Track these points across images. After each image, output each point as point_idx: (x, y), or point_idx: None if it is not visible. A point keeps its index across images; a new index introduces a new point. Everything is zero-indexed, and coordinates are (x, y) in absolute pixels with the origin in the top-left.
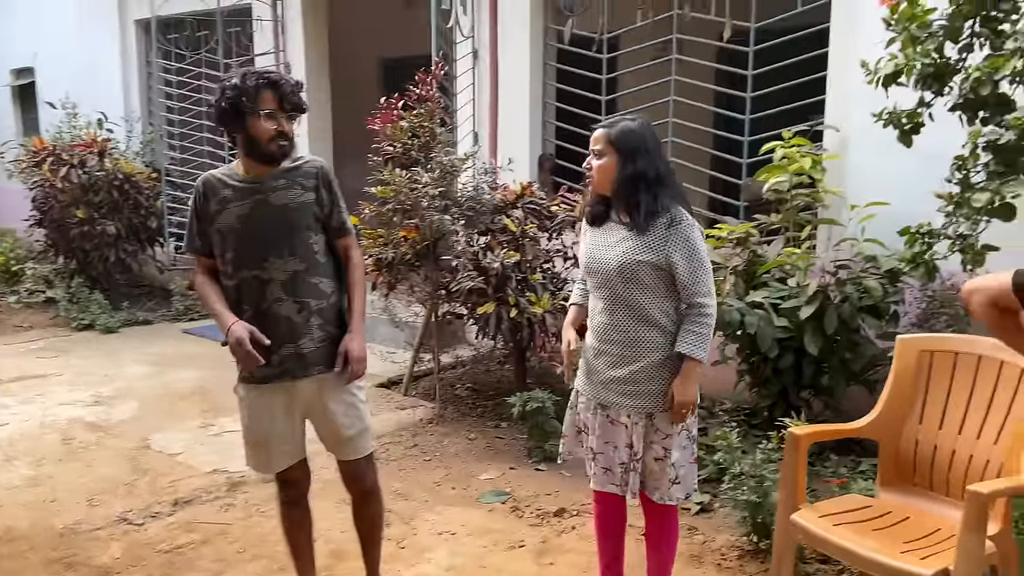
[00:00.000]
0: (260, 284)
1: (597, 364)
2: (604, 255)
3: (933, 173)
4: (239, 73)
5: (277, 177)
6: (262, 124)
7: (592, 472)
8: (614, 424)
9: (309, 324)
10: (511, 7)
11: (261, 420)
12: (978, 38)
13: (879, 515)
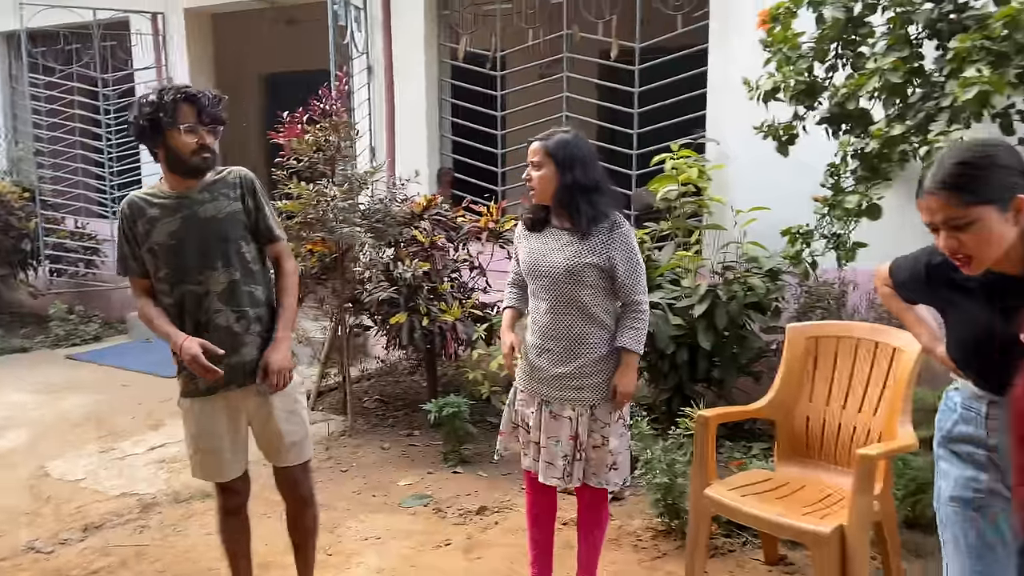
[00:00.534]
0: (198, 297)
1: (541, 362)
2: (550, 259)
3: (807, 179)
4: (155, 89)
5: (202, 190)
6: (183, 138)
7: (529, 464)
8: (557, 419)
9: (249, 332)
10: (405, 25)
11: (211, 430)
12: (841, 59)
13: (780, 485)
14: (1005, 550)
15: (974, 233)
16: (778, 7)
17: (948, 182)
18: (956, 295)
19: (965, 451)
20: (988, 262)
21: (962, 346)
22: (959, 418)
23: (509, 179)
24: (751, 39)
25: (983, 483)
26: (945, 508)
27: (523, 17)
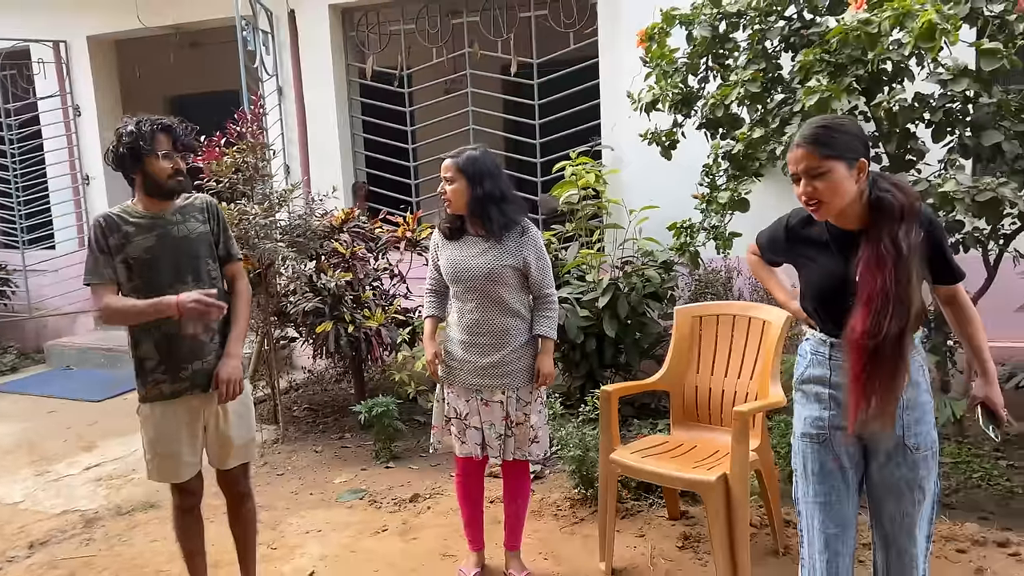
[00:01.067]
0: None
1: (470, 356)
2: (472, 264)
3: (690, 179)
4: (133, 120)
5: (174, 212)
6: (160, 164)
7: (466, 451)
8: (489, 404)
9: (213, 342)
10: (312, 47)
11: (169, 434)
12: (711, 71)
13: (675, 447)
14: (843, 476)
15: (826, 182)
16: (654, 27)
17: (810, 138)
18: (810, 249)
19: (814, 391)
20: (835, 209)
21: (816, 291)
22: (809, 362)
23: (423, 190)
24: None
25: (826, 420)
26: (796, 442)
27: (427, 36)
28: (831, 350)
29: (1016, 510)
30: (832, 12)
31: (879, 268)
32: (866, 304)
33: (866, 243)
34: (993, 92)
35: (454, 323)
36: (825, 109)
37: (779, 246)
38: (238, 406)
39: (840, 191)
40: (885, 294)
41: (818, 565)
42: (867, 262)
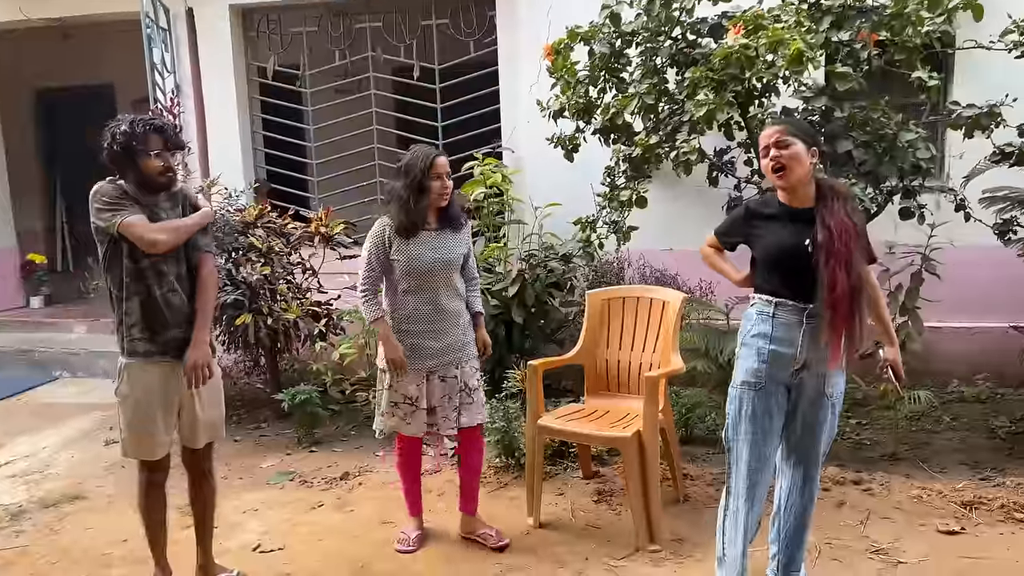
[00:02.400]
0: (158, 274)
1: (424, 342)
2: (432, 255)
3: (589, 179)
4: (126, 120)
5: (165, 199)
6: (152, 162)
7: (413, 430)
8: (445, 380)
9: (190, 315)
10: (212, 45)
11: (147, 407)
12: (609, 83)
13: (590, 412)
14: (771, 421)
15: (790, 152)
16: (559, 42)
17: (781, 120)
18: (766, 224)
19: (756, 346)
20: (794, 177)
21: (773, 256)
22: (755, 322)
23: (323, 188)
24: (534, 61)
25: (763, 371)
26: (735, 390)
27: (329, 39)
28: (775, 309)
29: (865, 457)
30: (712, 35)
31: (840, 236)
32: (831, 265)
33: (825, 215)
34: (844, 108)
35: (403, 316)
36: (711, 120)
37: (737, 227)
38: (209, 387)
39: (799, 160)
40: (848, 256)
41: (741, 492)
42: (830, 229)
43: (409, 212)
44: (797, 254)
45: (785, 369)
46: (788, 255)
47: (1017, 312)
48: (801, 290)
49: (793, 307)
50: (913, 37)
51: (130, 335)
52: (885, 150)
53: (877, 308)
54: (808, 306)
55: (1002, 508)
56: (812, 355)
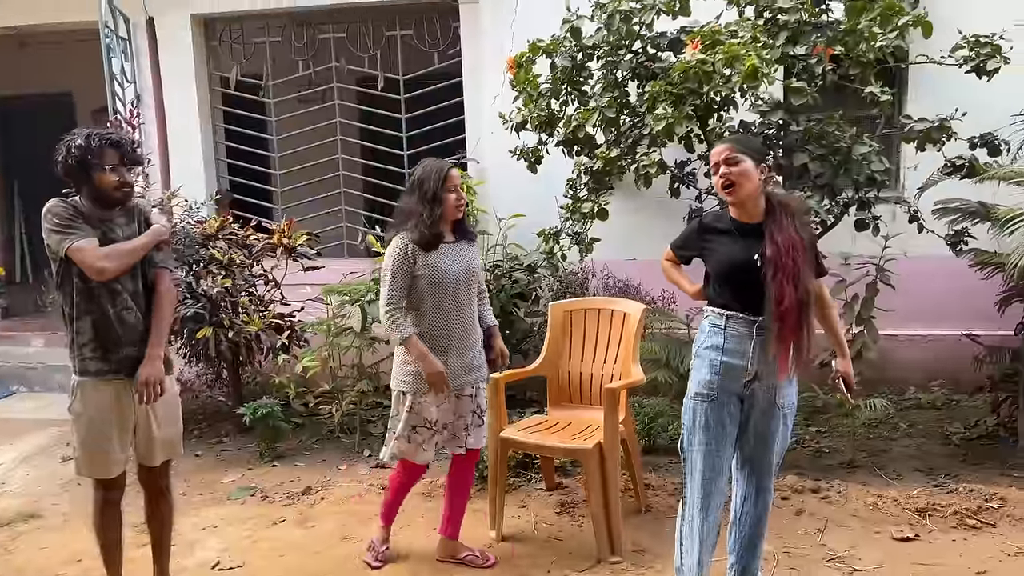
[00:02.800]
0: (112, 293)
1: (449, 360)
2: (458, 267)
3: (553, 191)
4: (82, 134)
5: (120, 215)
6: (108, 177)
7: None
8: (460, 398)
9: (145, 333)
10: (174, 55)
11: (102, 426)
12: (571, 96)
13: (553, 424)
14: (724, 431)
15: (740, 169)
16: (521, 56)
17: (731, 139)
18: (718, 238)
19: (709, 358)
20: (744, 192)
21: (725, 270)
22: (708, 334)
23: (286, 199)
24: (498, 72)
25: (715, 383)
26: (689, 401)
27: (292, 49)
28: (726, 322)
29: (823, 465)
30: (672, 49)
31: (787, 251)
32: (778, 278)
33: (774, 230)
34: (800, 121)
35: (429, 333)
36: (671, 133)
37: (692, 241)
38: (166, 406)
39: (748, 176)
40: (795, 270)
41: (696, 502)
42: (777, 244)
43: (429, 225)
44: (747, 268)
45: (737, 380)
46: (738, 269)
47: (969, 320)
48: (751, 303)
49: (744, 320)
50: (867, 52)
51: (81, 354)
52: (840, 163)
53: (828, 321)
54: (758, 319)
55: (955, 515)
56: (763, 367)
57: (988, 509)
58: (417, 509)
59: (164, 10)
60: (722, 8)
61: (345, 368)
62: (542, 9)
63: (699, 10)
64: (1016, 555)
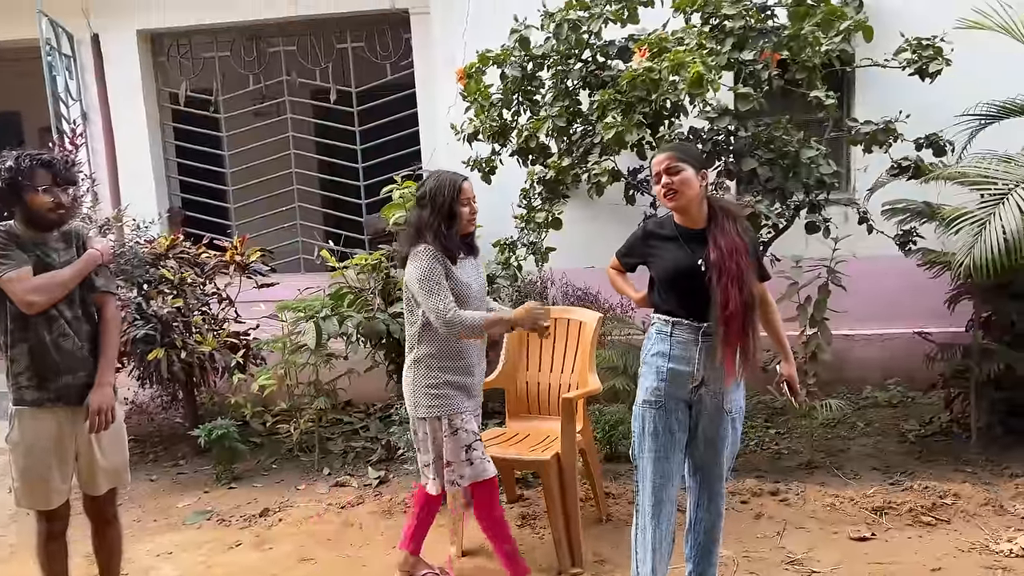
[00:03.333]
0: (49, 320)
1: (475, 379)
2: (479, 281)
3: (508, 200)
4: (12, 156)
5: (57, 239)
6: (40, 198)
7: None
8: (476, 418)
9: (85, 362)
10: (120, 71)
11: (40, 455)
12: (523, 106)
13: (512, 435)
14: (673, 437)
15: (681, 177)
16: (471, 66)
17: (670, 148)
18: (663, 244)
19: (656, 365)
20: (686, 200)
21: (669, 276)
22: (655, 340)
23: (240, 215)
24: (451, 83)
25: (662, 390)
26: (638, 409)
27: (242, 63)
28: (672, 328)
29: (783, 467)
30: (621, 57)
31: (731, 255)
32: (723, 283)
33: (717, 235)
34: (748, 127)
35: (456, 351)
36: (621, 141)
37: (637, 248)
38: (110, 432)
39: (689, 184)
40: (739, 274)
41: (647, 509)
42: (721, 249)
43: (447, 238)
44: (691, 274)
45: (684, 387)
46: (683, 275)
47: (922, 318)
48: (696, 309)
49: (689, 326)
50: (812, 57)
51: (17, 383)
52: (789, 167)
53: (772, 325)
54: (703, 324)
55: (910, 512)
56: (709, 372)
57: (942, 506)
58: (376, 527)
59: (109, 26)
60: (669, 16)
61: (302, 386)
62: (493, 19)
63: (647, 18)
64: (969, 551)
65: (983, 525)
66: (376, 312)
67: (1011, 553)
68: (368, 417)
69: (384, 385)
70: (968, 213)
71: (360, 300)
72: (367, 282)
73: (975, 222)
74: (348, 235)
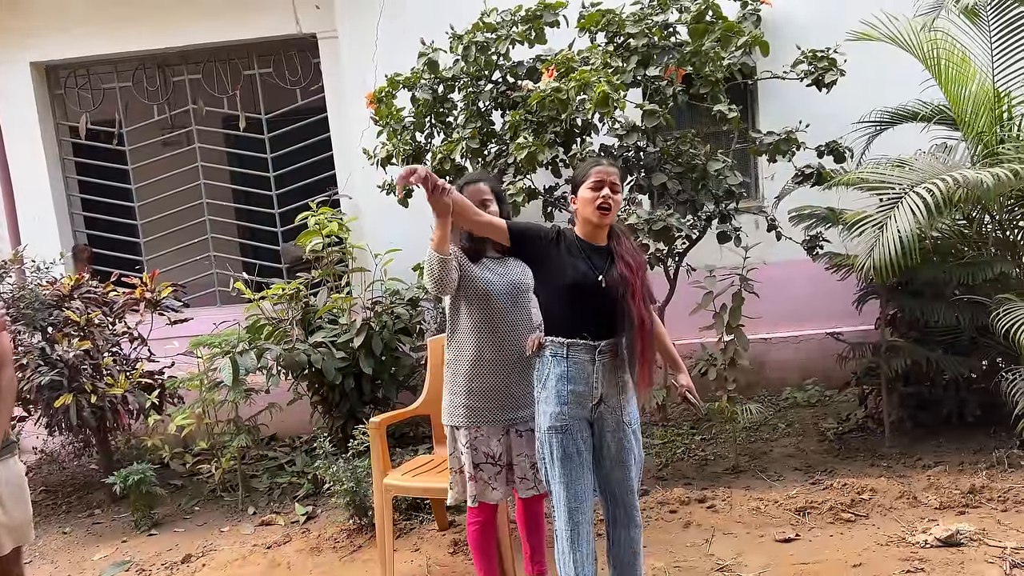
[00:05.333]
0: None
1: (509, 388)
2: (508, 281)
3: (425, 223)
4: None
5: None
6: None
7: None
8: (522, 435)
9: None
10: (14, 105)
11: None
12: (436, 127)
13: (439, 463)
14: (580, 459)
15: (617, 197)
16: (380, 90)
17: (615, 165)
18: (568, 255)
19: (557, 388)
20: (610, 219)
21: (566, 291)
22: (551, 364)
23: (151, 249)
24: (364, 107)
25: (566, 413)
26: (543, 436)
27: (145, 93)
28: (568, 351)
29: (710, 473)
30: (530, 77)
31: (637, 271)
32: (637, 298)
33: (623, 253)
34: (657, 142)
35: (478, 356)
36: (533, 161)
37: (542, 235)
38: (11, 487)
39: (618, 207)
40: (645, 291)
41: (564, 534)
42: (630, 265)
43: (461, 238)
44: (593, 290)
45: (585, 407)
46: (583, 290)
47: (834, 318)
48: (593, 327)
49: (584, 346)
50: (715, 71)
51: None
52: (698, 179)
53: (663, 341)
54: (599, 343)
55: (831, 510)
56: (608, 389)
57: (861, 501)
58: (305, 566)
59: (0, 59)
60: (575, 35)
61: (222, 423)
62: (403, 42)
63: (554, 38)
64: (888, 544)
65: (899, 518)
66: (296, 343)
67: (926, 544)
68: (293, 451)
69: (309, 417)
70: (868, 217)
71: (279, 331)
72: (285, 312)
73: (875, 224)
74: (265, 264)
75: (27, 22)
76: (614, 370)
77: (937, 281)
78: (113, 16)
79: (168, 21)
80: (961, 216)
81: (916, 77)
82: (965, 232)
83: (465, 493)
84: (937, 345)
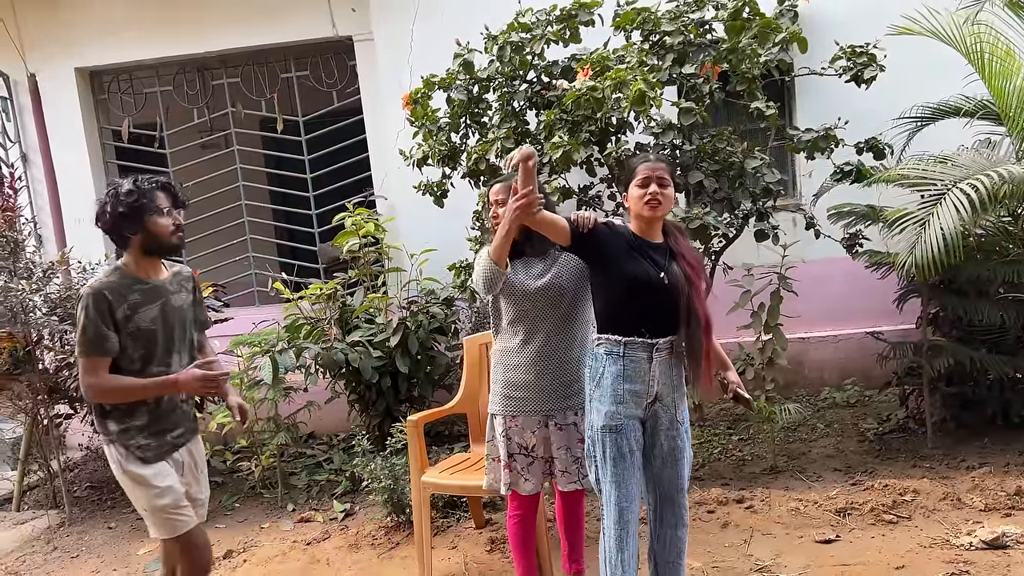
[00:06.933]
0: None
1: (541, 382)
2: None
3: (463, 223)
4: (129, 180)
5: (172, 282)
6: (162, 221)
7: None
8: (562, 428)
9: (188, 414)
10: (60, 111)
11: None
12: (471, 128)
13: (476, 461)
14: (632, 458)
15: (668, 192)
16: (416, 92)
17: (666, 161)
18: (624, 250)
19: (614, 387)
20: (663, 212)
21: (626, 288)
22: (606, 363)
23: (192, 249)
24: (400, 109)
25: (621, 412)
26: (596, 435)
27: (185, 97)
28: (624, 348)
29: (747, 473)
30: (565, 77)
31: (697, 269)
32: (700, 297)
33: (682, 251)
34: (693, 140)
35: (515, 350)
36: (568, 160)
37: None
38: (202, 464)
39: (670, 201)
40: (705, 290)
41: (613, 532)
42: (691, 263)
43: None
44: (656, 287)
45: (640, 406)
46: (646, 287)
47: (874, 317)
48: (651, 325)
49: (642, 344)
50: (751, 68)
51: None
52: (735, 177)
53: (711, 340)
54: (657, 341)
55: (872, 511)
56: (663, 388)
57: (903, 503)
58: (344, 562)
59: (46, 66)
60: (610, 34)
61: (261, 421)
62: (438, 43)
63: (589, 37)
64: (931, 546)
65: (943, 520)
66: (333, 342)
67: (971, 546)
68: (331, 449)
69: (346, 415)
70: (909, 214)
71: (317, 331)
72: (323, 312)
73: (916, 222)
74: (302, 265)
75: (71, 30)
76: (669, 368)
77: (981, 279)
78: (154, 22)
79: (207, 26)
80: (1006, 213)
81: (958, 72)
82: (1010, 229)
83: (499, 481)
84: (981, 344)
